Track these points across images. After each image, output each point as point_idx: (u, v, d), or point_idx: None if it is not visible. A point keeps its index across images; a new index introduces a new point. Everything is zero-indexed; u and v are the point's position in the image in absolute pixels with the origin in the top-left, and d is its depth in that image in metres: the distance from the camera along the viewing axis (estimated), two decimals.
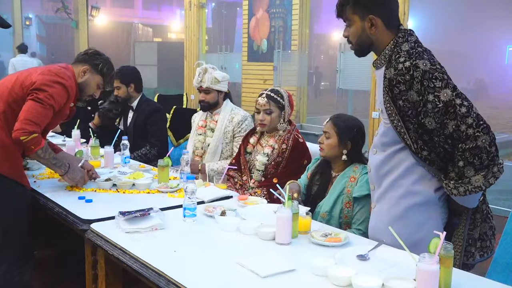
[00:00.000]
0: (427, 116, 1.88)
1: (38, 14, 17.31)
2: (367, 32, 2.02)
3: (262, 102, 3.01)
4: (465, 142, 1.83)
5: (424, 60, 1.89)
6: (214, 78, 3.41)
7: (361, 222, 2.46)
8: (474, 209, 2.01)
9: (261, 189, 2.93)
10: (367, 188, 2.40)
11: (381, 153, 2.08)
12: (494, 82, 17.69)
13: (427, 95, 1.86)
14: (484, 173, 1.84)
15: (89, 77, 2.72)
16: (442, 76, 1.87)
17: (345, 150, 2.57)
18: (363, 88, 5.79)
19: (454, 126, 1.84)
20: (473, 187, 1.85)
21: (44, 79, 2.50)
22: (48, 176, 2.98)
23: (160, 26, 21.83)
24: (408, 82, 1.88)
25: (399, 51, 1.95)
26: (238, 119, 3.44)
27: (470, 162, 1.83)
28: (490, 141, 1.82)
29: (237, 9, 18.09)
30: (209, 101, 3.46)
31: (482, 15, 15.83)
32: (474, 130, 1.81)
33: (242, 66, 7.48)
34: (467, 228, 2.00)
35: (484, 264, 2.27)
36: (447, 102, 1.84)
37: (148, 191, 2.71)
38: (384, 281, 1.57)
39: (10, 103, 2.49)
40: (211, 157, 3.45)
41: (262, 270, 1.69)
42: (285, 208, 1.99)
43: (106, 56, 2.82)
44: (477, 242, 2.02)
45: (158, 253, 1.89)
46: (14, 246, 2.49)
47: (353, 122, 2.63)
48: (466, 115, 1.82)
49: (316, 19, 18.68)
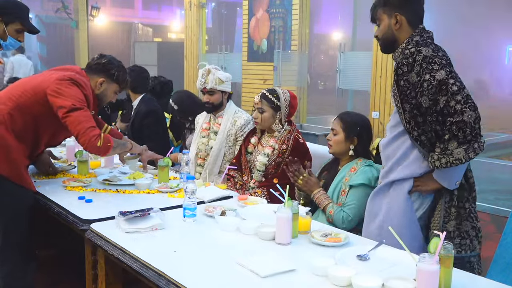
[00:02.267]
0: (423, 95, 2.09)
1: (38, 14, 17.29)
2: (392, 29, 2.26)
3: (256, 101, 3.07)
4: (453, 116, 2.02)
5: (428, 48, 2.12)
6: (218, 78, 3.38)
7: (351, 206, 2.50)
8: (450, 203, 2.16)
9: (261, 189, 2.93)
10: (362, 178, 2.51)
11: (389, 136, 2.30)
12: (494, 82, 17.69)
13: (424, 75, 2.08)
14: (465, 147, 2.02)
15: (106, 87, 2.76)
16: (440, 61, 2.08)
17: (352, 146, 2.64)
18: (363, 88, 5.79)
19: (444, 102, 2.04)
20: (454, 159, 2.04)
21: (63, 86, 2.50)
22: (48, 176, 2.99)
23: (160, 26, 21.81)
24: (410, 65, 2.12)
25: (410, 41, 2.21)
26: (241, 123, 3.42)
27: (455, 135, 2.02)
28: (475, 118, 2.01)
29: (237, 9, 18.07)
30: (214, 103, 3.43)
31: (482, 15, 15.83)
32: (462, 106, 2.01)
33: (242, 66, 7.48)
34: (442, 220, 2.16)
35: (484, 264, 2.28)
36: (441, 80, 2.04)
37: (148, 191, 2.71)
38: (384, 281, 1.57)
39: (20, 104, 2.48)
40: (214, 160, 3.44)
41: (262, 270, 1.69)
42: (285, 208, 1.99)
43: (118, 60, 2.83)
44: (456, 239, 2.16)
45: (158, 253, 1.89)
46: (16, 247, 2.49)
47: (359, 118, 2.72)
48: (456, 93, 2.02)
49: (316, 19, 18.67)
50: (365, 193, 2.48)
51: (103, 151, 2.50)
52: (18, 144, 2.46)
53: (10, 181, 2.45)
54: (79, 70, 2.70)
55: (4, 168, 2.43)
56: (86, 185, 2.78)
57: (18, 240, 2.50)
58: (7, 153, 2.44)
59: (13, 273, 2.48)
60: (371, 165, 2.58)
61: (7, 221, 2.47)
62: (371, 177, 2.52)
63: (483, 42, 16.59)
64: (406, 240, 1.73)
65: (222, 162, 3.43)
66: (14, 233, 2.49)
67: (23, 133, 2.50)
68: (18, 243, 2.50)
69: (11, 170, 2.45)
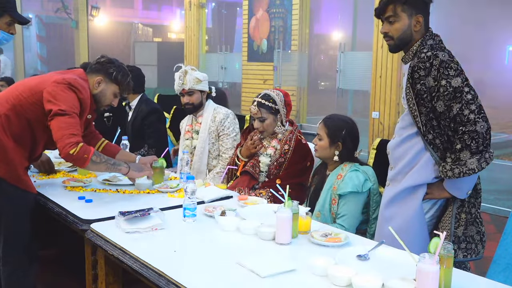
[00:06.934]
0: (438, 99, 2.11)
1: (38, 14, 17.28)
2: (412, 30, 2.23)
3: (253, 111, 3.00)
4: (465, 125, 2.05)
5: (444, 52, 2.14)
6: (196, 78, 3.40)
7: (344, 217, 2.48)
8: (460, 208, 2.17)
9: (265, 190, 2.91)
10: (350, 186, 2.48)
11: (398, 137, 2.31)
12: (494, 82, 17.67)
13: (441, 81, 2.09)
14: (478, 157, 2.05)
15: (104, 87, 2.64)
16: (456, 67, 2.11)
17: (337, 151, 2.60)
18: (363, 88, 5.79)
19: (458, 110, 2.06)
20: (467, 169, 2.06)
21: (58, 89, 2.43)
22: (48, 176, 2.98)
23: (160, 26, 21.80)
24: (428, 69, 2.13)
25: (424, 45, 2.21)
26: (220, 118, 3.44)
27: (468, 144, 2.05)
28: (487, 129, 2.05)
29: (237, 9, 18.08)
30: (194, 103, 3.45)
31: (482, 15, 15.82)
32: (475, 116, 2.04)
33: (242, 66, 7.48)
34: (453, 225, 2.16)
35: (484, 264, 2.28)
36: (456, 88, 2.07)
37: (148, 191, 2.71)
38: (384, 281, 1.57)
39: (16, 105, 2.44)
40: (199, 158, 3.45)
41: (262, 270, 1.69)
42: (285, 208, 1.99)
43: (119, 62, 2.73)
44: (462, 243, 2.18)
45: (158, 253, 1.89)
46: (18, 248, 2.48)
47: (343, 123, 2.65)
48: (470, 102, 2.05)
49: (316, 19, 18.66)
50: (355, 200, 2.49)
51: (79, 162, 2.37)
52: (16, 146, 2.43)
53: (8, 183, 2.43)
54: (82, 72, 2.64)
55: (1, 170, 2.41)
56: (86, 185, 2.77)
57: (20, 241, 2.50)
58: (4, 155, 2.41)
59: (15, 274, 2.48)
60: (357, 170, 2.53)
61: (8, 222, 2.46)
62: (358, 183, 2.48)
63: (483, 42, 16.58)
64: (417, 245, 1.73)
65: (209, 159, 3.45)
66: (16, 234, 2.49)
67: (21, 135, 2.46)
68: (20, 245, 2.50)
69: (8, 171, 2.42)
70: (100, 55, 2.75)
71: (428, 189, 2.22)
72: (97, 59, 2.71)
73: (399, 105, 5.03)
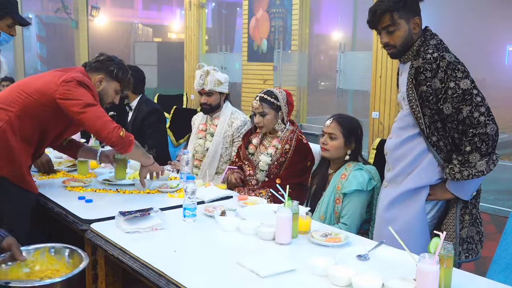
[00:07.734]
0: (446, 102, 2.08)
1: (38, 14, 17.29)
2: (412, 33, 2.21)
3: (255, 105, 3.01)
4: (476, 128, 2.04)
5: (450, 54, 2.12)
6: (217, 80, 3.37)
7: (347, 216, 2.48)
8: (463, 210, 2.16)
9: (265, 190, 2.91)
10: (355, 184, 2.47)
11: (396, 138, 2.29)
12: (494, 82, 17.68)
13: (449, 83, 2.06)
14: (487, 159, 2.06)
15: (106, 85, 2.66)
16: (463, 68, 2.08)
17: (349, 150, 2.60)
18: (363, 88, 5.78)
19: (468, 112, 2.04)
20: (476, 171, 2.05)
21: (71, 87, 2.45)
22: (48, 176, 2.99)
23: (160, 26, 21.82)
24: (434, 71, 2.10)
25: (427, 45, 2.17)
26: (238, 124, 3.41)
27: (478, 147, 2.04)
28: (496, 131, 2.06)
29: (237, 9, 18.09)
30: (212, 104, 3.42)
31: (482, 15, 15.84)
32: (485, 118, 2.04)
33: (242, 66, 7.48)
34: (458, 227, 2.15)
35: (484, 264, 2.28)
36: (466, 90, 2.04)
37: (148, 191, 2.71)
38: (384, 281, 1.57)
39: (27, 107, 2.44)
40: (210, 161, 3.43)
41: (262, 270, 1.69)
42: (285, 208, 1.99)
43: (119, 59, 2.75)
44: (464, 244, 2.17)
45: (158, 253, 1.89)
46: None
47: (356, 122, 2.68)
48: (480, 104, 2.04)
49: (316, 19, 18.68)
50: (359, 199, 2.48)
51: (128, 144, 2.44)
52: (23, 146, 2.44)
53: (11, 183, 2.43)
54: (83, 70, 2.65)
55: (6, 169, 2.42)
56: (86, 185, 2.77)
57: (22, 241, 2.49)
58: (10, 155, 2.41)
59: None
60: (361, 168, 2.53)
61: (10, 222, 2.46)
62: (363, 181, 2.48)
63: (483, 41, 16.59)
64: (419, 246, 1.73)
65: (219, 163, 3.43)
66: (17, 234, 2.48)
67: (30, 135, 2.47)
68: (22, 244, 2.49)
69: (12, 171, 2.43)
70: (99, 53, 2.75)
71: (430, 190, 2.20)
72: (96, 57, 2.72)
73: (399, 105, 5.03)
